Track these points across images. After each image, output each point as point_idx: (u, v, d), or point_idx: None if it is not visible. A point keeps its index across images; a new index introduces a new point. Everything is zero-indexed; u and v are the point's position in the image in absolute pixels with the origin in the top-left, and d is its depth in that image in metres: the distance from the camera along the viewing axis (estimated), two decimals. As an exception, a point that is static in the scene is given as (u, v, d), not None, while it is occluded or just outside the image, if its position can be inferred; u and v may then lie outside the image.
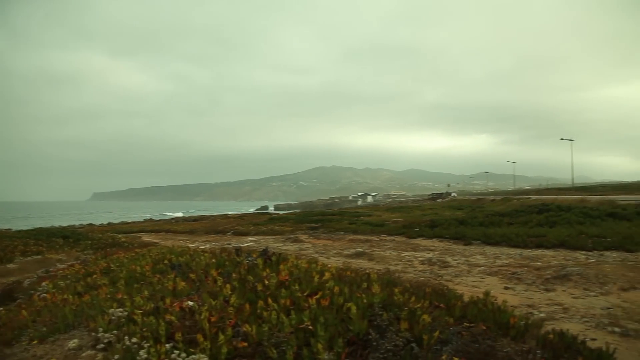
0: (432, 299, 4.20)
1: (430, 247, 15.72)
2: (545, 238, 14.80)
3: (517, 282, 8.99)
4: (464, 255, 13.24)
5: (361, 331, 3.04)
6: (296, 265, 5.26)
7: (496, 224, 21.15)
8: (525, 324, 3.81)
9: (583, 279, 8.57)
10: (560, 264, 10.30)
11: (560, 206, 24.22)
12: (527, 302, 7.23)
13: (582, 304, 7.02)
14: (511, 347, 3.14)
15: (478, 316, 3.84)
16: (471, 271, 10.41)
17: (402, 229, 21.92)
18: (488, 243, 15.66)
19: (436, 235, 18.55)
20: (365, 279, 4.76)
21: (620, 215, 19.40)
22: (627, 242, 12.90)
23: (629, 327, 5.62)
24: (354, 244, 17.01)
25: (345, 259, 12.38)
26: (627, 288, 7.96)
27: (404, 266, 11.35)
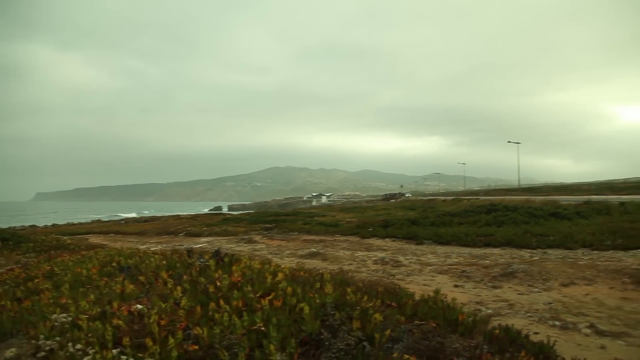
0: (384, 298, 4.26)
1: (383, 246, 15.94)
2: (493, 237, 15.31)
3: (467, 280, 9.26)
4: (416, 254, 13.51)
5: (314, 331, 3.04)
6: (249, 266, 5.20)
7: (447, 223, 21.69)
8: (474, 321, 3.91)
9: (528, 276, 8.92)
10: (507, 262, 10.68)
11: (507, 206, 25.11)
12: (476, 299, 7.46)
13: (527, 300, 7.31)
14: (460, 343, 3.22)
15: (428, 314, 3.92)
16: (423, 270, 10.63)
17: (355, 229, 22.12)
18: (439, 242, 16.04)
19: (389, 235, 18.83)
20: (318, 279, 4.77)
21: (562, 215, 20.33)
22: (567, 240, 13.54)
23: (568, 320, 5.90)
24: (308, 244, 17.03)
25: (299, 260, 12.38)
26: (567, 284, 8.35)
27: (357, 266, 11.46)
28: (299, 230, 23.62)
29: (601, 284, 8.20)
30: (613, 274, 8.68)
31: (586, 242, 13.15)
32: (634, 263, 9.76)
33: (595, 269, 9.20)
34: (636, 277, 8.27)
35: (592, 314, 6.31)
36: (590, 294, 7.61)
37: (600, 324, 5.72)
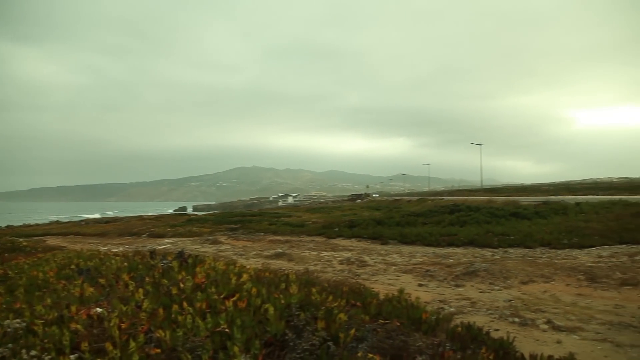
0: (349, 298, 4.28)
1: (349, 246, 16.03)
2: (456, 237, 15.61)
3: (431, 279, 9.41)
4: (381, 254, 13.64)
5: (278, 332, 3.03)
6: (213, 267, 5.14)
7: (412, 223, 22.00)
8: (437, 319, 3.98)
9: (489, 274, 9.14)
10: (470, 261, 10.92)
11: (470, 207, 25.68)
12: (439, 298, 7.59)
13: (488, 298, 7.49)
14: (423, 341, 3.27)
15: (393, 313, 3.96)
16: (387, 270, 10.74)
17: (321, 229, 22.17)
18: (404, 242, 16.23)
19: (355, 235, 18.94)
20: (283, 279, 4.76)
21: (522, 214, 20.93)
22: (527, 239, 13.95)
23: (526, 316, 6.09)
24: (274, 244, 16.97)
25: (264, 260, 12.32)
26: (526, 281, 8.60)
27: (323, 266, 11.49)
28: (265, 230, 23.50)
29: (558, 281, 8.48)
30: (569, 271, 9.00)
31: (544, 241, 13.58)
32: (588, 261, 10.14)
33: (553, 267, 9.50)
34: (590, 274, 8.60)
35: (549, 310, 6.52)
36: (548, 291, 7.86)
37: (557, 320, 5.92)
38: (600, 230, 14.21)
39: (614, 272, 8.64)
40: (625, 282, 7.95)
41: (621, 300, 7.11)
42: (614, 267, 9.15)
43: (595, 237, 13.31)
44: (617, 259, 10.06)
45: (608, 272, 8.68)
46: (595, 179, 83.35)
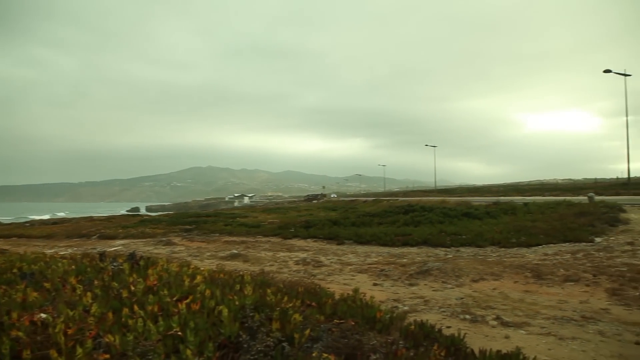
0: (304, 298, 4.28)
1: (305, 247, 16.04)
2: (410, 236, 15.89)
3: (385, 278, 9.54)
4: (337, 254, 13.72)
5: (232, 334, 2.99)
6: (166, 269, 5.02)
7: (367, 224, 22.24)
8: (391, 318, 4.03)
9: (442, 273, 9.35)
10: (423, 260, 11.14)
11: (424, 207, 26.22)
12: (394, 297, 7.71)
13: (441, 296, 7.67)
14: (377, 340, 3.30)
15: (348, 312, 3.99)
16: (343, 270, 10.82)
17: (278, 229, 22.09)
18: (359, 242, 16.39)
19: (311, 236, 18.97)
20: (238, 280, 4.70)
21: (473, 215, 21.55)
22: (478, 238, 14.38)
23: (477, 313, 6.27)
24: (230, 245, 16.77)
25: (219, 261, 12.15)
26: (477, 279, 8.86)
27: (279, 267, 11.45)
28: (220, 231, 23.18)
29: (507, 279, 8.78)
30: (517, 269, 9.33)
31: (495, 240, 14.03)
32: (535, 259, 10.56)
33: (502, 265, 9.83)
34: (536, 271, 8.95)
35: (498, 307, 6.75)
36: (498, 289, 8.13)
37: (505, 316, 6.13)
38: (546, 229, 14.81)
39: (558, 269, 9.03)
40: (568, 279, 8.32)
41: (564, 296, 7.45)
42: (558, 264, 9.56)
43: (541, 236, 13.86)
44: (561, 257, 10.52)
45: (553, 269, 9.07)
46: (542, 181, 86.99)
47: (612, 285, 7.68)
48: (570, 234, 13.57)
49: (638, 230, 13.81)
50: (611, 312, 6.40)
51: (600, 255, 10.25)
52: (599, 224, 15.12)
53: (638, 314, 6.30)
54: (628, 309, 6.54)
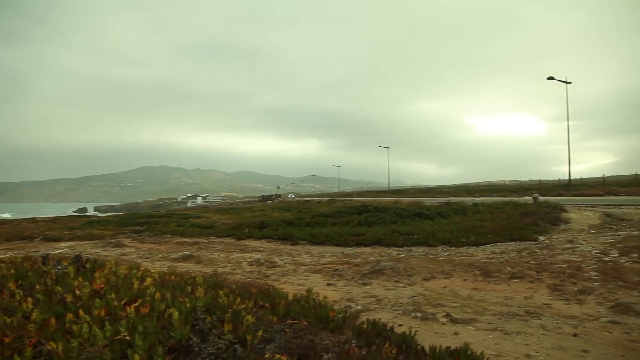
0: (257, 299, 4.25)
1: (259, 248, 15.94)
2: (364, 236, 16.07)
3: (339, 278, 9.61)
4: (291, 255, 13.71)
5: (183, 337, 2.93)
6: (114, 271, 4.86)
7: (321, 224, 22.33)
8: (344, 317, 4.06)
9: (394, 272, 9.51)
10: (376, 260, 11.30)
11: (378, 207, 26.60)
12: (347, 297, 7.77)
13: (393, 295, 7.79)
14: (330, 339, 3.32)
15: (301, 313, 3.99)
16: (297, 270, 10.82)
17: (231, 230, 21.86)
18: (314, 242, 16.43)
19: (265, 236, 18.88)
20: (190, 282, 4.62)
21: (425, 215, 22.04)
22: (429, 238, 14.71)
23: (428, 311, 6.42)
24: (182, 247, 16.44)
25: (171, 263, 11.89)
26: (428, 278, 9.07)
27: (232, 268, 11.32)
28: (172, 232, 22.69)
29: (456, 277, 9.03)
30: (466, 267, 9.62)
31: (445, 239, 14.38)
32: (483, 257, 10.91)
33: (452, 264, 10.10)
34: (484, 269, 9.25)
35: (448, 304, 6.93)
36: (448, 287, 8.35)
37: (455, 313, 6.30)
38: (494, 228, 15.32)
39: (505, 267, 9.36)
40: (514, 276, 8.65)
41: (510, 292, 7.74)
42: (505, 262, 9.92)
43: (489, 235, 14.33)
44: (507, 255, 10.91)
45: (500, 267, 9.40)
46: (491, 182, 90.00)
47: (554, 281, 8.04)
48: (516, 233, 14.10)
49: (577, 229, 14.52)
50: (552, 307, 6.71)
51: (544, 253, 10.70)
52: (543, 223, 15.78)
53: (576, 307, 6.63)
54: (567, 304, 6.87)
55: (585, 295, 7.16)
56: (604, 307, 6.56)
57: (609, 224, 14.65)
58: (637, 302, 6.53)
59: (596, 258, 9.39)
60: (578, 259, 9.54)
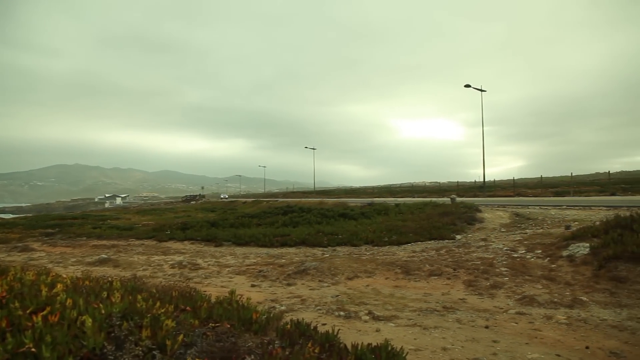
0: (178, 303, 4.12)
1: (182, 249, 15.51)
2: (289, 237, 16.10)
3: (263, 279, 9.55)
4: (215, 256, 13.45)
5: (97, 345, 2.77)
6: (20, 278, 4.50)
7: (246, 225, 22.13)
8: (267, 318, 4.04)
9: (319, 272, 9.61)
10: (301, 260, 11.35)
11: (303, 208, 26.75)
12: (271, 297, 7.74)
13: (317, 294, 7.86)
14: (253, 341, 3.29)
15: (224, 315, 3.92)
16: (221, 272, 10.63)
17: (152, 232, 21.11)
18: (238, 244, 16.25)
19: (188, 238, 18.43)
20: (106, 287, 4.39)
21: (349, 215, 22.47)
22: (353, 238, 15.01)
23: (351, 310, 6.54)
24: (98, 250, 15.62)
25: (86, 267, 11.26)
26: (352, 277, 9.24)
27: (153, 271, 10.92)
28: (88, 235, 21.50)
29: (379, 276, 9.28)
30: (388, 266, 9.90)
31: (369, 239, 14.73)
32: (404, 256, 11.29)
33: (375, 263, 10.36)
34: (405, 267, 9.58)
35: (370, 303, 7.10)
36: (370, 285, 8.56)
37: (377, 311, 6.47)
38: (415, 228, 15.90)
39: (425, 265, 9.75)
40: (433, 273, 9.03)
41: (429, 289, 8.07)
42: (425, 260, 10.32)
43: (410, 234, 14.84)
44: (427, 254, 11.36)
45: (420, 265, 9.77)
46: (412, 183, 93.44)
47: (469, 278, 8.48)
48: (435, 232, 14.72)
49: (491, 228, 15.42)
50: (467, 302, 7.08)
51: (460, 251, 11.25)
52: (460, 222, 16.59)
53: (488, 301, 7.05)
54: (480, 298, 7.28)
55: (497, 290, 7.62)
56: (513, 299, 7.02)
57: (517, 223, 15.69)
58: (540, 294, 7.06)
59: (506, 255, 10.02)
60: (490, 256, 10.13)
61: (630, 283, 7.05)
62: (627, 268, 7.48)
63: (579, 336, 5.18)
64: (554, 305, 6.55)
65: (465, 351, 4.66)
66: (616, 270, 7.53)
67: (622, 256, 7.80)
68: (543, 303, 6.66)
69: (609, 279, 7.38)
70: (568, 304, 6.58)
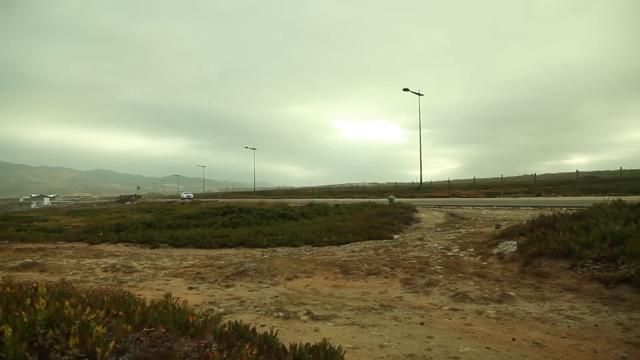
0: (110, 308, 3.95)
1: (115, 252, 14.92)
2: (228, 238, 15.89)
3: (202, 281, 9.36)
4: (151, 258, 13.05)
5: (17, 357, 2.61)
6: None
7: (184, 226, 21.64)
8: (204, 321, 3.96)
9: (258, 273, 9.53)
10: (240, 261, 11.22)
11: (242, 208, 26.48)
12: (209, 300, 7.60)
13: (256, 296, 7.80)
14: (189, 345, 3.22)
15: (158, 319, 3.80)
16: (157, 274, 10.33)
17: (84, 234, 20.18)
18: (175, 245, 15.86)
19: (122, 240, 17.78)
20: (30, 294, 4.13)
21: (290, 215, 22.48)
22: (293, 238, 15.03)
23: (290, 310, 6.54)
24: (23, 253, 14.71)
25: (8, 273, 10.56)
26: (291, 278, 9.25)
27: (83, 275, 10.42)
28: (11, 237, 20.20)
29: (318, 276, 9.34)
30: (327, 266, 9.99)
31: (308, 239, 14.80)
32: (343, 256, 11.43)
33: (314, 263, 10.42)
34: (344, 267, 9.70)
35: (310, 303, 7.13)
36: (310, 285, 8.60)
37: (316, 310, 6.51)
38: (354, 228, 16.14)
39: (363, 264, 9.91)
40: (371, 272, 9.20)
41: (367, 288, 8.21)
42: (363, 260, 10.50)
43: (349, 234, 15.05)
44: (365, 253, 11.56)
45: (358, 264, 9.92)
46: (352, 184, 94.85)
47: (405, 276, 8.71)
48: (374, 232, 15.00)
49: (427, 228, 15.92)
50: (404, 299, 7.27)
51: (397, 250, 11.54)
52: (397, 222, 17.00)
53: (424, 299, 7.27)
54: (416, 296, 7.50)
55: (432, 287, 7.88)
56: (446, 296, 7.28)
57: (452, 223, 16.30)
58: (472, 291, 7.36)
59: (441, 253, 10.38)
60: (426, 254, 10.45)
61: (552, 278, 7.51)
62: (549, 264, 7.96)
63: (507, 329, 5.46)
64: (484, 301, 6.86)
65: (402, 348, 4.77)
66: (540, 266, 8.00)
67: (546, 253, 8.30)
68: (475, 299, 6.95)
69: (533, 275, 7.82)
70: (497, 299, 6.90)
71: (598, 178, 50.04)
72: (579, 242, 8.12)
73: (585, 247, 7.97)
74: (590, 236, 8.32)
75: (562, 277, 7.45)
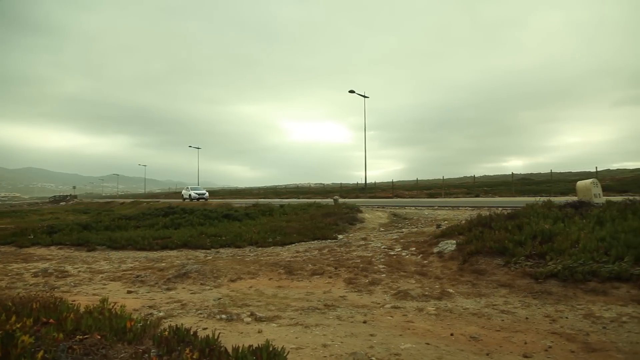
0: (39, 315, 3.74)
1: (47, 256, 14.17)
2: (170, 239, 15.49)
3: (141, 284, 9.06)
4: (87, 262, 12.49)
5: None
6: None
7: (123, 227, 20.89)
8: (143, 326, 3.83)
9: (201, 275, 9.34)
10: (182, 263, 10.94)
11: (185, 209, 25.86)
12: (149, 304, 7.35)
13: (199, 298, 7.63)
14: (126, 352, 3.11)
15: (93, 326, 3.64)
16: (93, 278, 9.89)
17: (11, 236, 19.03)
18: (114, 247, 15.29)
19: (55, 243, 16.91)
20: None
21: (234, 216, 22.18)
22: (237, 239, 14.85)
23: (233, 312, 6.45)
24: (-58, 259, 13.68)
25: None
26: (235, 279, 9.12)
27: (10, 281, 9.81)
28: None
29: (262, 277, 9.27)
30: (272, 266, 9.93)
31: (253, 240, 14.66)
32: (288, 256, 11.41)
33: (259, 264, 10.33)
34: (288, 267, 9.68)
35: (253, 304, 7.06)
36: (254, 286, 8.51)
37: (259, 312, 6.45)
38: (299, 228, 16.14)
39: (307, 264, 9.93)
40: (315, 272, 9.23)
41: (312, 288, 8.24)
42: (308, 260, 10.52)
43: (294, 235, 15.04)
44: (310, 253, 11.59)
45: (303, 264, 9.93)
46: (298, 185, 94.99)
47: (349, 275, 8.81)
48: (318, 233, 15.07)
49: (370, 228, 16.18)
50: (347, 299, 7.34)
51: (341, 250, 11.65)
52: (342, 223, 17.17)
53: (367, 297, 7.38)
54: (360, 294, 7.60)
55: (375, 286, 8.01)
56: (389, 295, 7.42)
57: (395, 223, 16.65)
58: (414, 289, 7.55)
59: (384, 253, 10.57)
60: (370, 254, 10.62)
61: (488, 275, 7.83)
62: (486, 261, 8.30)
63: (446, 325, 5.64)
64: (425, 298, 7.05)
65: (345, 346, 4.81)
66: (477, 264, 8.32)
67: (482, 251, 8.65)
68: (416, 297, 7.13)
69: (471, 272, 8.12)
70: (437, 296, 7.11)
71: (531, 180, 52.71)
72: (513, 241, 8.53)
73: (518, 245, 8.38)
74: (523, 234, 8.77)
75: (497, 273, 7.78)
